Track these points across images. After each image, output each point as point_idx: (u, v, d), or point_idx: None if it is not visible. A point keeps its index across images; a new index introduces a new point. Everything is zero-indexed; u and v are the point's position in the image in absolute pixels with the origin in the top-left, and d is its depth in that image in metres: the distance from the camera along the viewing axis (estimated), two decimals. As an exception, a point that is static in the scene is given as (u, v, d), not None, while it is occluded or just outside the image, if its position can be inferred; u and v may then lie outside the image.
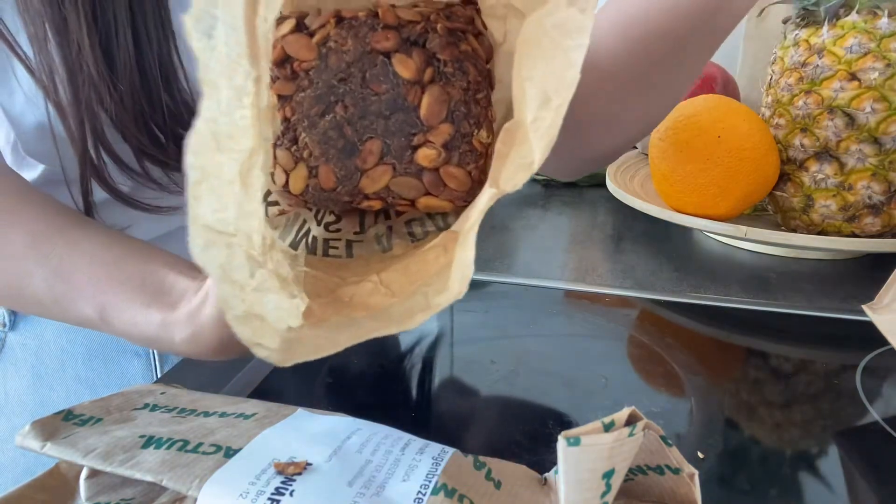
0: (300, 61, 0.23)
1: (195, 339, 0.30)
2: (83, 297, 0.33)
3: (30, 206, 0.35)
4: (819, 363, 0.40)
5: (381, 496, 0.20)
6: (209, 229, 0.18)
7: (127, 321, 0.32)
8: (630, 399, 0.35)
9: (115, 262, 0.33)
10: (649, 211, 0.57)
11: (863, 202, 0.51)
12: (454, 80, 0.23)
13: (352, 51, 0.23)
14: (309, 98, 0.23)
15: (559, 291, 0.49)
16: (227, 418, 0.24)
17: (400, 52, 0.23)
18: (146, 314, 0.31)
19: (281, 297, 0.20)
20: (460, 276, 0.20)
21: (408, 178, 0.24)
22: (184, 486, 0.20)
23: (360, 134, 0.24)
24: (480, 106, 0.24)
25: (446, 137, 0.24)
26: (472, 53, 0.24)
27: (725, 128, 0.52)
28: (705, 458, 0.30)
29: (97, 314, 0.33)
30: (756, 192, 0.53)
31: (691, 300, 0.47)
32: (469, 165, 0.24)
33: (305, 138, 0.24)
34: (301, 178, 0.24)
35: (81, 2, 0.35)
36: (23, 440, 0.22)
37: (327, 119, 0.23)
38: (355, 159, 0.24)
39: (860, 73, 0.49)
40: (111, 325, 0.33)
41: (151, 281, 0.33)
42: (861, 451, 0.31)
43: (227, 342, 0.30)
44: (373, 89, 0.23)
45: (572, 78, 0.18)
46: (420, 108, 0.23)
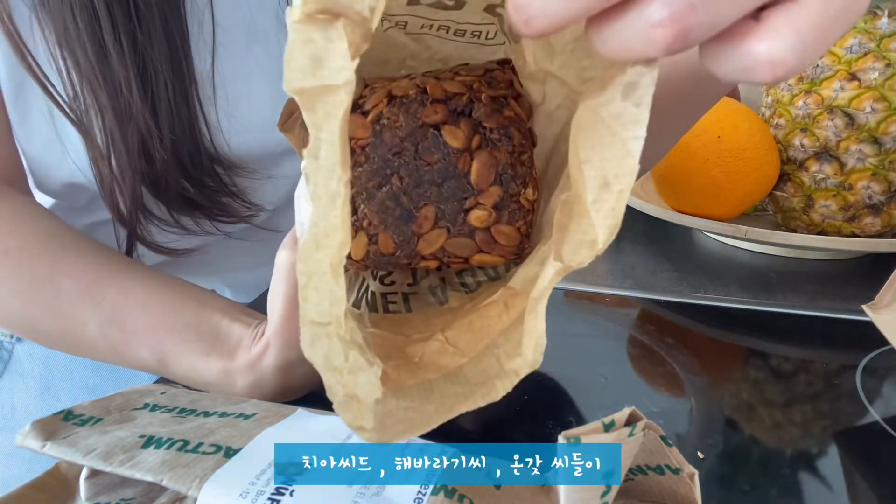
0: (357, 139, 0.25)
1: (257, 386, 0.32)
2: (140, 343, 0.34)
3: (76, 254, 0.36)
4: (819, 363, 0.40)
5: (381, 496, 0.20)
6: (314, 324, 0.19)
7: (187, 367, 0.33)
8: (630, 399, 0.35)
9: (170, 309, 0.34)
10: (649, 211, 0.57)
11: (863, 202, 0.51)
12: (500, 144, 0.25)
13: (404, 126, 0.25)
14: (366, 172, 0.25)
15: (559, 291, 0.48)
16: (227, 418, 0.24)
17: (449, 124, 0.25)
18: (206, 362, 0.33)
19: (368, 373, 0.21)
20: (534, 346, 0.21)
21: (461, 239, 0.26)
22: (184, 486, 0.20)
23: (415, 202, 0.25)
24: (525, 166, 0.26)
25: (496, 199, 0.25)
26: (515, 118, 0.26)
27: (725, 128, 0.52)
28: (705, 458, 0.30)
29: (155, 361, 0.34)
30: (756, 192, 0.53)
31: (691, 300, 0.47)
32: (518, 222, 0.26)
33: (365, 209, 0.25)
34: (362, 245, 0.26)
35: (123, 36, 0.35)
36: (23, 440, 0.22)
37: (384, 190, 0.25)
38: (412, 225, 0.25)
39: (860, 73, 0.49)
40: (169, 370, 0.34)
41: (208, 327, 0.34)
42: (861, 451, 0.31)
43: (287, 388, 0.32)
44: (425, 160, 0.25)
45: (631, 167, 0.18)
46: (470, 174, 0.25)
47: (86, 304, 0.35)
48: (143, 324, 0.34)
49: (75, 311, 0.35)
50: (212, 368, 0.33)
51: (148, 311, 0.34)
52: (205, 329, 0.34)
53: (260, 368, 0.31)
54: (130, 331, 0.34)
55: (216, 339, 0.33)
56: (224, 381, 0.32)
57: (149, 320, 0.34)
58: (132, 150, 0.37)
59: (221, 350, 0.33)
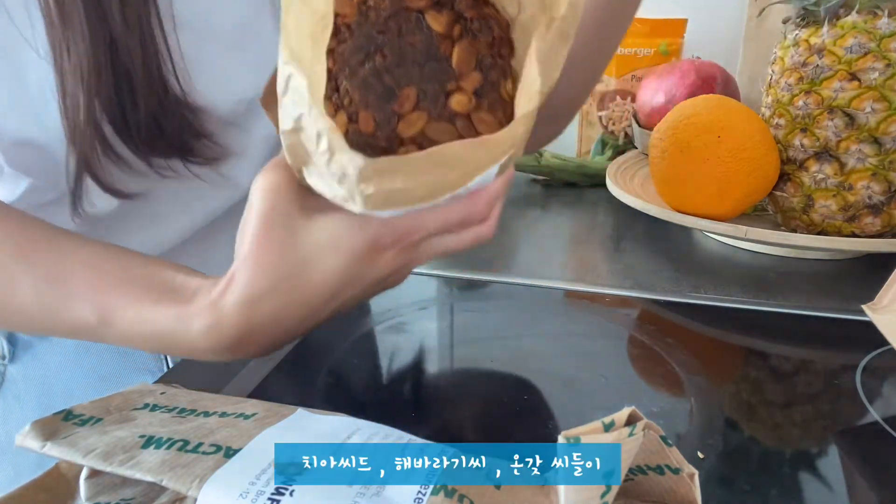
0: (343, 16, 0.25)
1: (216, 329, 0.28)
2: (79, 301, 0.30)
3: (5, 220, 0.33)
4: (819, 363, 0.40)
5: (381, 496, 0.20)
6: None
7: (133, 319, 0.30)
8: (630, 399, 0.35)
9: (115, 267, 0.31)
10: (649, 211, 0.57)
11: (863, 202, 0.51)
12: (480, 35, 0.26)
13: (389, 7, 0.25)
14: (350, 48, 0.25)
15: (559, 291, 0.49)
16: (227, 418, 0.24)
17: (432, 10, 0.26)
18: (155, 310, 0.29)
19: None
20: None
21: (442, 124, 0.26)
22: (184, 486, 0.20)
23: (397, 80, 0.26)
24: (504, 60, 0.27)
25: (476, 84, 0.26)
26: (493, 14, 0.27)
27: (725, 128, 0.52)
28: (705, 458, 0.30)
29: (96, 317, 0.30)
30: (756, 192, 0.53)
31: (691, 300, 0.47)
32: (498, 113, 0.26)
33: (346, 85, 0.25)
34: (342, 123, 0.26)
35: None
36: (23, 440, 0.22)
37: (367, 67, 0.25)
38: (393, 104, 0.26)
39: (860, 73, 0.49)
40: (113, 326, 0.30)
41: (160, 281, 0.30)
42: (861, 451, 0.31)
43: (249, 332, 0.28)
44: (409, 40, 0.26)
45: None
46: (452, 58, 0.26)
47: (18, 266, 0.31)
48: (83, 282, 0.30)
49: (5, 274, 0.31)
50: (162, 316, 0.29)
51: (89, 271, 0.31)
52: (156, 282, 0.30)
53: (221, 305, 0.28)
54: (69, 290, 0.30)
55: (170, 289, 0.30)
56: (177, 330, 0.29)
57: (90, 278, 0.31)
58: (92, 73, 0.34)
59: (175, 299, 0.29)
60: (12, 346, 0.48)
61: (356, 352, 0.40)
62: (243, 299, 0.28)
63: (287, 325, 0.29)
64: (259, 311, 0.28)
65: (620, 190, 0.61)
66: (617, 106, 0.81)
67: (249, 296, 0.28)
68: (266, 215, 0.27)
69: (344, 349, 0.40)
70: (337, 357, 0.39)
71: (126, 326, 0.30)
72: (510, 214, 0.68)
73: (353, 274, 0.28)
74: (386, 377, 0.38)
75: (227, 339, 0.28)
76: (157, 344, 0.30)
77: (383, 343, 0.41)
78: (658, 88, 0.73)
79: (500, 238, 0.61)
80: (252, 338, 0.29)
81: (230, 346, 0.29)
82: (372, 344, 0.41)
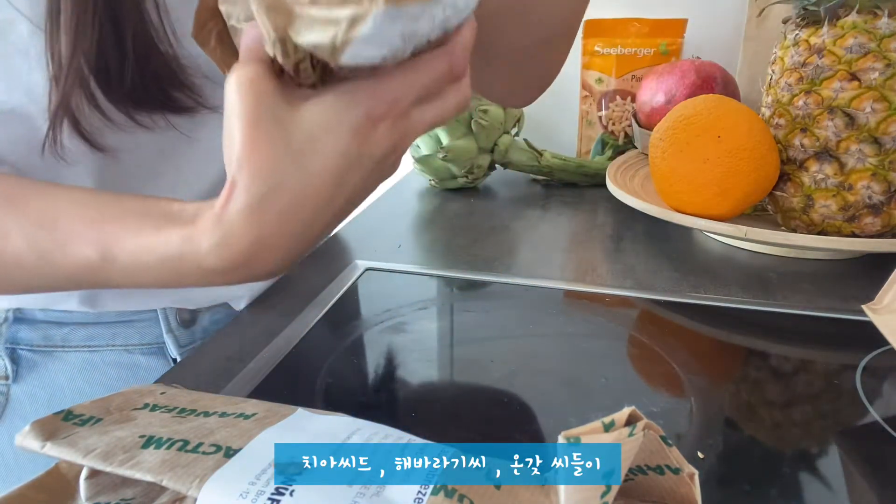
0: None
1: (226, 243, 0.27)
2: (77, 240, 0.29)
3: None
4: (819, 363, 0.40)
5: (381, 496, 0.20)
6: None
7: (136, 249, 0.28)
8: (630, 399, 0.35)
9: (108, 201, 0.30)
10: (649, 211, 0.57)
11: (863, 202, 0.51)
12: None
13: None
14: None
15: (559, 291, 0.49)
16: (227, 418, 0.24)
17: None
18: (159, 236, 0.28)
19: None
20: None
21: None
22: (184, 486, 0.20)
23: None
24: None
25: None
26: None
27: (725, 128, 0.52)
28: (705, 458, 0.30)
29: (97, 253, 0.29)
30: (756, 192, 0.53)
31: (691, 300, 0.47)
32: None
33: None
34: None
35: None
36: (23, 440, 0.22)
37: None
38: None
39: (860, 73, 0.49)
40: (116, 261, 0.29)
41: (158, 209, 0.29)
42: (861, 451, 0.31)
43: (260, 241, 0.27)
44: None
45: None
46: None
47: (6, 214, 0.30)
48: (79, 221, 0.29)
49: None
50: (169, 241, 0.28)
51: (83, 209, 0.29)
52: (154, 211, 0.29)
53: (226, 217, 0.26)
54: (64, 231, 0.29)
55: (168, 215, 0.28)
56: (185, 252, 0.27)
57: (85, 216, 0.29)
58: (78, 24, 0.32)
59: (177, 221, 0.28)
60: (15, 366, 0.48)
61: (356, 352, 0.40)
62: (248, 205, 0.26)
63: (299, 225, 0.27)
64: (267, 214, 0.26)
65: (620, 190, 0.61)
66: (617, 106, 0.81)
67: (253, 200, 0.26)
68: (251, 114, 0.26)
69: (344, 349, 0.40)
70: (337, 357, 0.39)
71: (130, 258, 0.28)
72: (510, 214, 0.68)
73: (353, 154, 0.27)
74: (386, 377, 0.38)
75: (239, 253, 0.27)
76: (166, 273, 0.28)
77: (383, 343, 0.41)
78: (658, 88, 0.73)
79: (500, 238, 0.61)
80: (266, 247, 0.27)
81: (245, 262, 0.27)
82: (372, 344, 0.41)
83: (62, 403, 0.47)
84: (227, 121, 0.26)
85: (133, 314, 0.49)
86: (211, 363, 0.39)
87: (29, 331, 0.47)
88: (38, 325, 0.47)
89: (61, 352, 0.48)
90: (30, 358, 0.48)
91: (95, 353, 0.48)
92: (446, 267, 0.54)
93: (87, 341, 0.48)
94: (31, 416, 0.47)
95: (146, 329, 0.49)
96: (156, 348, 0.50)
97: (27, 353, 0.48)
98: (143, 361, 0.49)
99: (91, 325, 0.48)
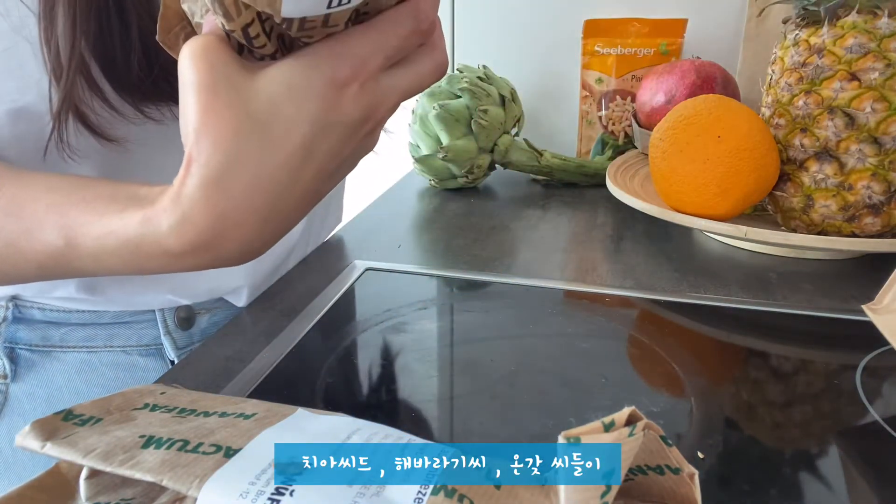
0: None
1: (185, 222, 0.25)
2: (42, 226, 0.28)
3: None
4: (819, 363, 0.40)
5: (381, 496, 0.20)
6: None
7: (99, 234, 0.27)
8: (630, 399, 0.35)
9: (78, 186, 0.29)
10: (649, 211, 0.57)
11: (863, 202, 0.51)
12: None
13: None
14: None
15: (559, 291, 0.49)
16: (227, 418, 0.24)
17: None
18: (121, 218, 0.27)
19: None
20: None
21: None
22: (184, 486, 0.20)
23: None
24: None
25: None
26: None
27: (725, 128, 0.52)
28: (705, 458, 0.30)
29: (62, 239, 0.28)
30: (756, 192, 0.53)
31: (691, 300, 0.47)
32: None
33: None
34: None
35: None
36: (23, 440, 0.22)
37: None
38: None
39: (860, 73, 0.49)
40: (80, 246, 0.28)
41: (125, 193, 0.28)
42: (861, 451, 0.31)
43: (223, 220, 0.25)
44: None
45: None
46: None
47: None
48: (46, 207, 0.28)
49: None
50: (129, 222, 0.26)
51: (52, 195, 0.29)
52: (121, 195, 0.28)
53: (185, 193, 0.25)
54: (29, 217, 0.29)
55: (133, 197, 0.28)
56: (145, 234, 0.26)
57: (53, 202, 0.28)
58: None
59: (140, 203, 0.27)
60: (14, 365, 0.48)
61: (356, 352, 0.40)
62: (206, 180, 0.24)
63: (265, 200, 0.26)
64: (228, 189, 0.25)
65: (620, 190, 0.61)
66: (617, 106, 0.81)
67: (212, 173, 0.24)
68: (205, 82, 0.24)
69: (344, 349, 0.40)
70: (337, 357, 0.39)
71: (93, 243, 0.28)
72: (510, 214, 0.68)
73: (320, 120, 0.26)
74: (386, 377, 0.38)
75: (201, 232, 0.25)
76: (128, 257, 0.27)
77: (383, 343, 0.41)
78: (658, 88, 0.73)
79: (500, 238, 0.61)
80: (229, 225, 0.25)
81: (209, 242, 0.26)
82: (372, 344, 0.41)
83: (60, 403, 0.47)
84: (182, 92, 0.25)
85: (131, 315, 0.49)
86: (211, 363, 0.39)
87: (27, 331, 0.47)
88: (36, 325, 0.48)
89: (59, 352, 0.48)
90: (28, 357, 0.48)
91: (93, 354, 0.48)
92: (446, 267, 0.54)
93: (84, 342, 0.48)
94: (29, 414, 0.48)
95: (144, 330, 0.49)
96: (153, 350, 0.50)
97: (26, 353, 0.48)
98: (140, 363, 0.49)
99: (89, 325, 0.48)
